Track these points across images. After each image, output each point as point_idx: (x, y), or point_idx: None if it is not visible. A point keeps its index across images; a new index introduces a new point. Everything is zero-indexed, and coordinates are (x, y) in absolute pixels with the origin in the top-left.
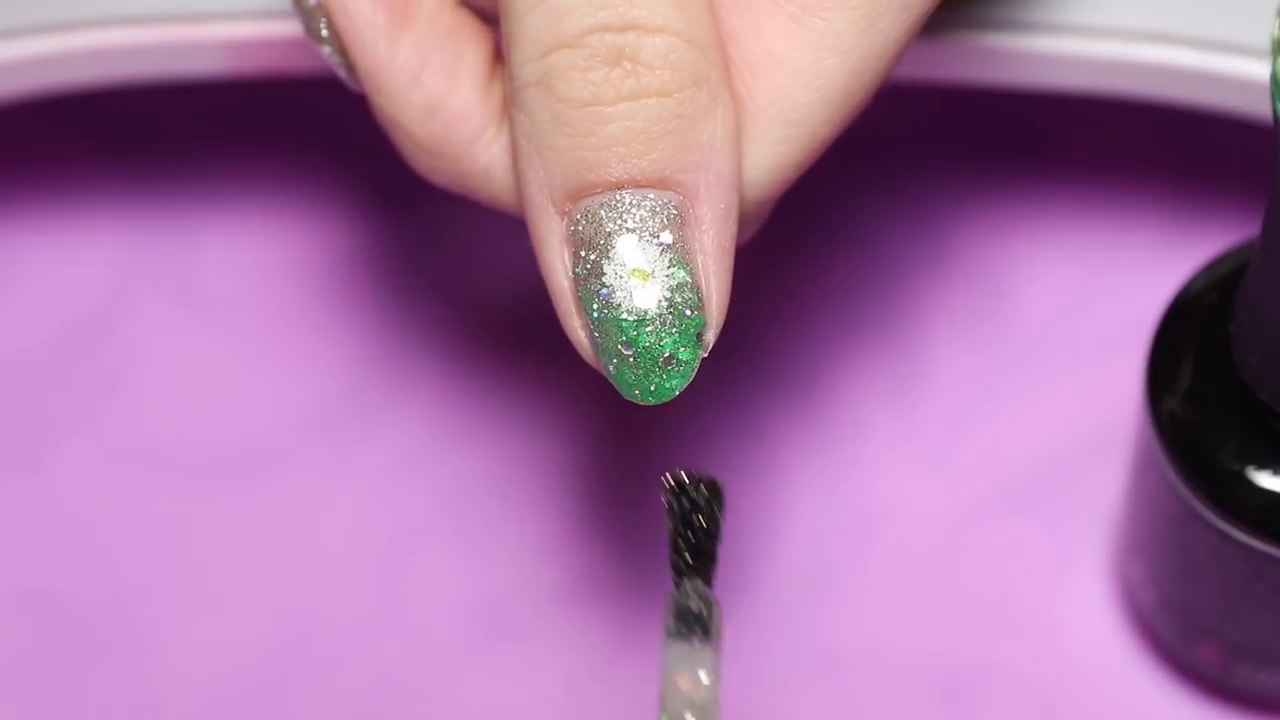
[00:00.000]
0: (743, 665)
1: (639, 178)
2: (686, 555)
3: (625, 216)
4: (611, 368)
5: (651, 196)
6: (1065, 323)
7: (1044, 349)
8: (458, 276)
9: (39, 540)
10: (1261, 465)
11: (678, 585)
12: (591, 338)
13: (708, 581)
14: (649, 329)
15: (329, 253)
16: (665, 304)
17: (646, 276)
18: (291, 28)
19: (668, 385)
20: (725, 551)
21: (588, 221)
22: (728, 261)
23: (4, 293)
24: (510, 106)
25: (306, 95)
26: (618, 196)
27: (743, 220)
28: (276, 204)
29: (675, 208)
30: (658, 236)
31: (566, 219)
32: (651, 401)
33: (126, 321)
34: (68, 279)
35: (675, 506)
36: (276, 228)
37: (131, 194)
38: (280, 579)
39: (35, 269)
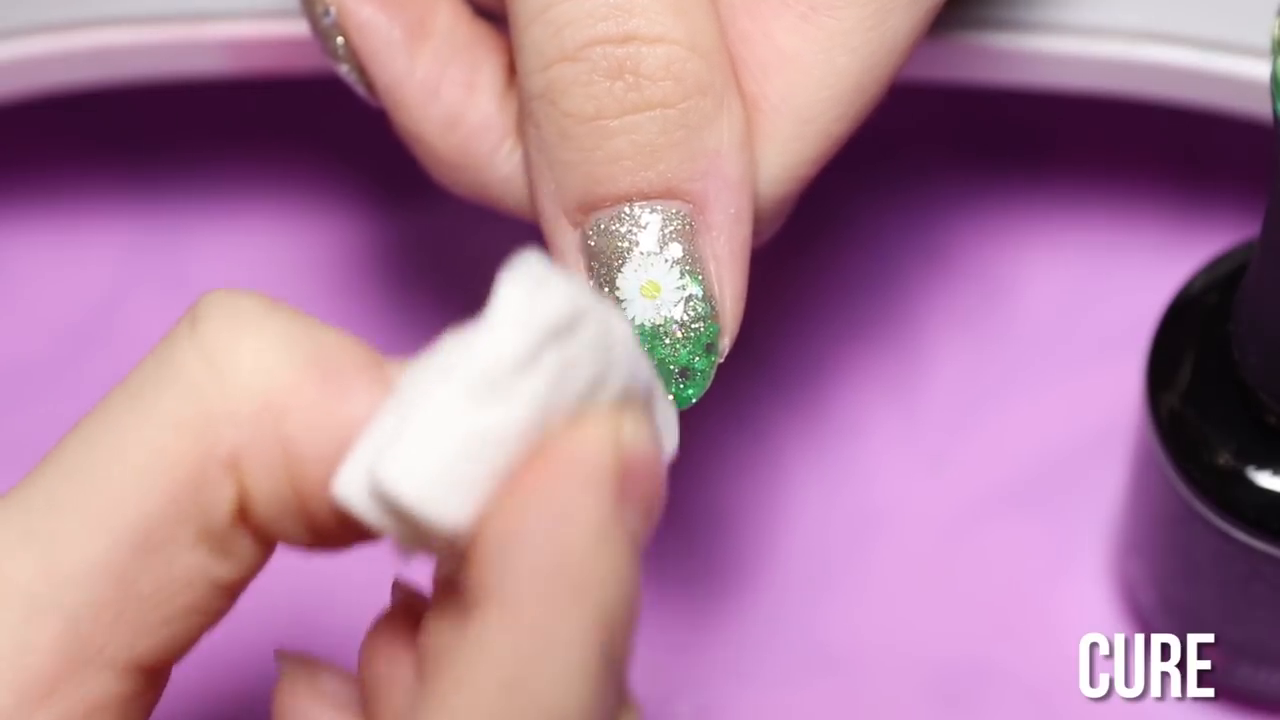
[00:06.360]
0: (743, 665)
1: (646, 190)
2: None
3: (635, 231)
4: None
5: (660, 208)
6: (1065, 323)
7: (1044, 349)
8: (458, 276)
9: None
10: (1261, 465)
11: None
12: None
13: None
14: (663, 342)
15: (329, 252)
16: (677, 318)
17: (657, 291)
18: (291, 28)
19: (684, 395)
20: (726, 551)
21: (599, 235)
22: (741, 265)
23: (4, 293)
24: (521, 117)
25: (306, 95)
26: (626, 210)
27: (762, 219)
28: (276, 204)
29: (685, 218)
30: (667, 251)
31: (580, 230)
32: None
33: (126, 322)
34: (68, 279)
35: None
36: (276, 228)
37: (131, 194)
38: (281, 577)
39: (35, 269)
